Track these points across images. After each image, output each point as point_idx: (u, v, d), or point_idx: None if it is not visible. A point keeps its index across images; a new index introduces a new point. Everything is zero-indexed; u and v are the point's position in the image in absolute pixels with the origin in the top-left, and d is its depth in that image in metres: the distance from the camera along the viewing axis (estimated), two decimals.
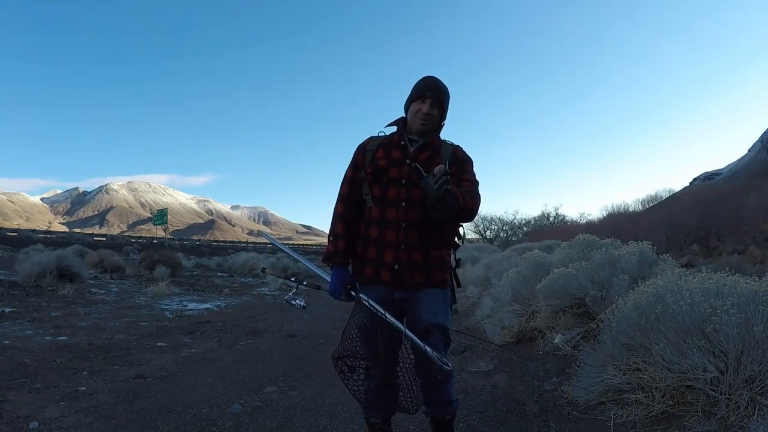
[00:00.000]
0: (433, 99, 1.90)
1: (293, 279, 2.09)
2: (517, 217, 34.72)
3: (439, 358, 1.73)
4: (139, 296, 8.22)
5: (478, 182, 1.95)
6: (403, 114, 2.01)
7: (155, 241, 42.11)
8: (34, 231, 52.04)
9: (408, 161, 1.90)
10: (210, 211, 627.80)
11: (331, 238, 2.00)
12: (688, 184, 60.08)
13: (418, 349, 1.76)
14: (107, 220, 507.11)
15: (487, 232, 34.37)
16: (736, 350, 1.96)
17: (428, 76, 1.95)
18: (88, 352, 4.07)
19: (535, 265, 4.56)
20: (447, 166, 1.89)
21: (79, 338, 4.60)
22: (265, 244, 59.42)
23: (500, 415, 2.63)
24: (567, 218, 34.88)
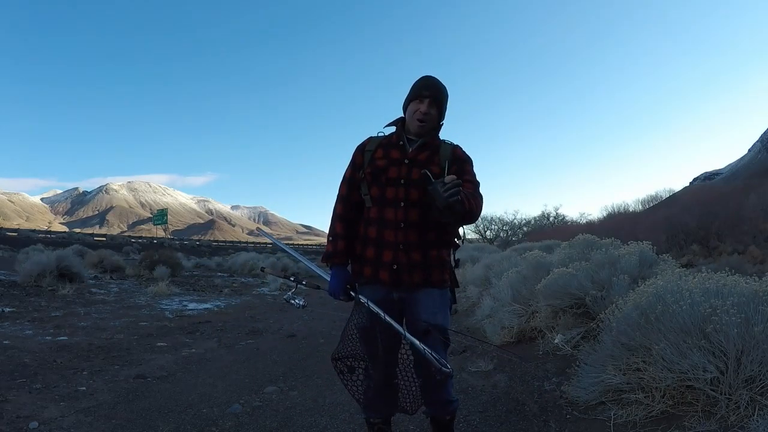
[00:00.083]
0: (431, 99, 1.89)
1: (292, 278, 2.09)
2: (517, 217, 34.76)
3: (437, 359, 1.72)
4: (139, 296, 8.22)
5: (479, 183, 1.94)
6: (402, 114, 2.00)
7: (155, 241, 42.12)
8: (34, 231, 52.06)
9: (406, 161, 1.89)
10: (210, 211, 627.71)
11: (331, 238, 2.00)
12: (688, 184, 60.11)
13: (417, 351, 1.76)
14: (107, 220, 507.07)
15: (487, 232, 34.39)
16: (736, 350, 1.96)
17: (426, 76, 1.93)
18: (88, 352, 4.07)
19: (535, 265, 4.56)
20: (447, 166, 1.89)
21: (79, 338, 4.60)
22: (265, 243, 59.42)
23: (500, 415, 2.63)
24: (567, 218, 34.94)
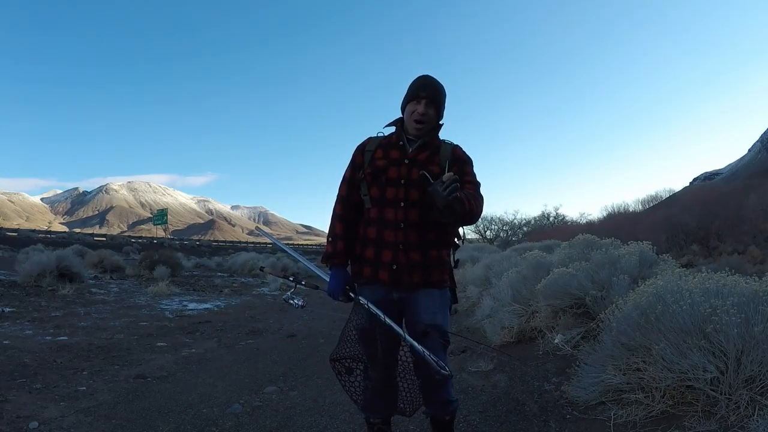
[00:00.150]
0: (428, 99, 1.87)
1: (292, 278, 2.09)
2: (517, 217, 34.78)
3: (436, 362, 1.72)
4: (139, 296, 8.22)
5: (480, 183, 1.94)
6: (401, 115, 1.99)
7: (155, 241, 42.11)
8: (34, 231, 52.05)
9: (406, 161, 1.89)
10: (210, 211, 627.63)
11: (330, 238, 2.00)
12: (688, 184, 60.12)
13: (417, 353, 1.76)
14: (107, 220, 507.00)
15: (487, 232, 34.41)
16: (736, 350, 1.96)
17: (422, 76, 1.92)
18: (88, 352, 4.07)
19: (535, 265, 4.56)
20: (447, 166, 1.88)
21: (79, 338, 4.60)
22: (265, 243, 59.43)
23: (500, 415, 2.63)
24: (567, 218, 34.95)
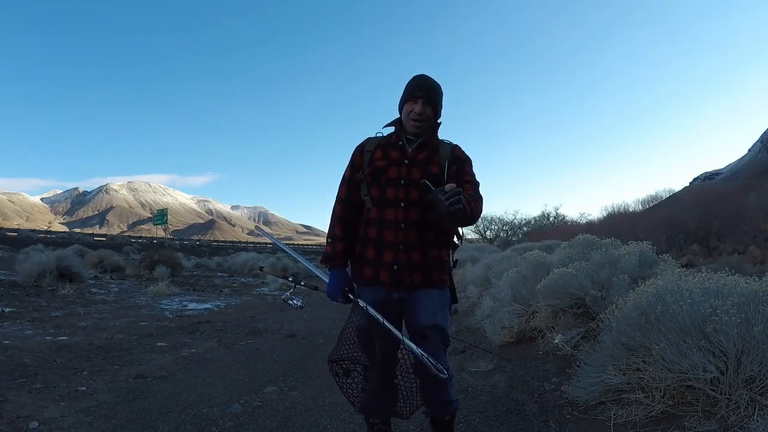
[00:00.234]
0: (424, 98, 1.87)
1: (291, 279, 2.09)
2: (517, 217, 34.77)
3: (434, 365, 1.71)
4: (139, 296, 8.22)
5: (479, 183, 1.94)
6: (399, 115, 1.99)
7: (155, 241, 42.12)
8: (34, 231, 52.06)
9: (406, 161, 1.89)
10: (210, 211, 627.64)
11: (330, 239, 1.99)
12: (688, 184, 60.11)
13: (415, 356, 1.75)
14: (107, 220, 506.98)
15: (487, 232, 34.40)
16: (736, 350, 1.96)
17: (418, 75, 1.92)
18: (88, 352, 4.07)
19: (535, 265, 4.56)
20: (446, 166, 1.89)
21: (79, 338, 4.60)
22: (265, 243, 59.43)
23: (500, 415, 2.63)
24: (567, 218, 34.93)
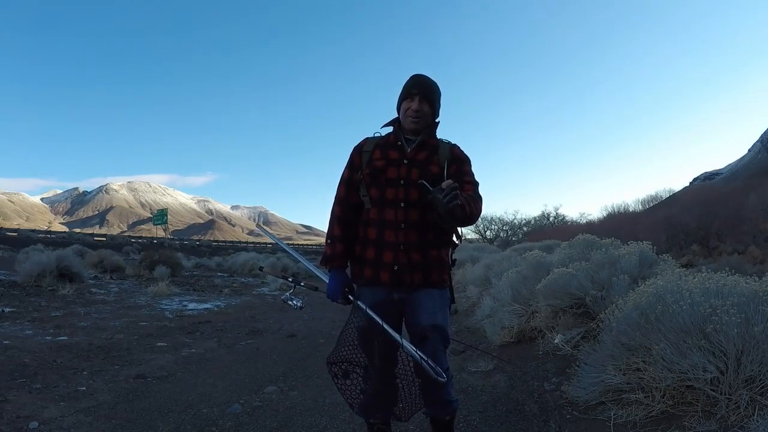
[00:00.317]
0: (420, 96, 1.89)
1: (291, 279, 2.09)
2: (517, 217, 34.75)
3: (434, 368, 1.71)
4: (139, 296, 8.22)
5: (478, 183, 1.94)
6: (397, 115, 2.00)
7: (155, 241, 42.11)
8: (34, 231, 52.05)
9: (405, 161, 1.89)
10: (210, 211, 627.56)
11: (329, 240, 1.99)
12: (688, 184, 60.11)
13: (414, 359, 1.75)
14: (107, 220, 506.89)
15: (487, 232, 34.39)
16: (736, 350, 1.96)
17: (415, 75, 1.94)
18: (88, 352, 4.07)
19: (535, 265, 4.56)
20: (446, 166, 1.89)
21: (79, 338, 4.60)
22: (265, 243, 59.43)
23: (500, 415, 2.63)
24: (567, 218, 34.92)
